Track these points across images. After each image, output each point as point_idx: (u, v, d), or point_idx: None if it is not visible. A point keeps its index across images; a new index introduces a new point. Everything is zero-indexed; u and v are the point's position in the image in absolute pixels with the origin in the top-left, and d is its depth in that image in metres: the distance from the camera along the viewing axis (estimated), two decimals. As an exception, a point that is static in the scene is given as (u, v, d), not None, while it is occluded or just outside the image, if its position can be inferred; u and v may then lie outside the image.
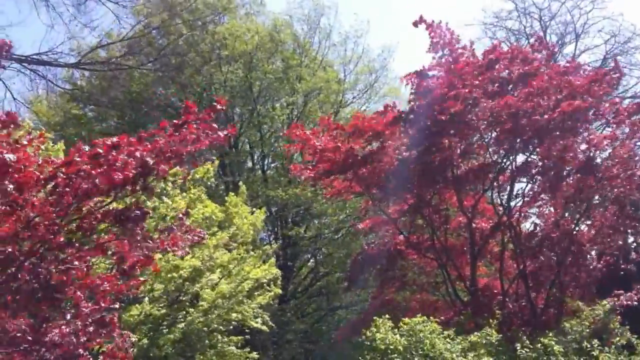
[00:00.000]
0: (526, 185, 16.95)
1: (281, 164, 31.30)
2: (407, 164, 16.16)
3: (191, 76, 29.17)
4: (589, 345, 11.72)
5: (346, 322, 25.28)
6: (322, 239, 30.80)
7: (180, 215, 8.53)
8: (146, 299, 14.28)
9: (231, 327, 15.83)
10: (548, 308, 15.95)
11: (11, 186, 6.31)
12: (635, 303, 13.92)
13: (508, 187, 17.02)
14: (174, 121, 7.35)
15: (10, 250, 6.64)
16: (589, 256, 16.89)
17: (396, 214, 17.91)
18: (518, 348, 11.71)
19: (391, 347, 11.05)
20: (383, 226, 18.70)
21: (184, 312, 14.82)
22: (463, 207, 16.77)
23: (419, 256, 17.90)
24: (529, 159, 16.36)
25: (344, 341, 19.24)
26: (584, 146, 15.82)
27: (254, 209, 18.68)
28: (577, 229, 16.40)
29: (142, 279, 8.62)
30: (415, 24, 15.81)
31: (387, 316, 12.00)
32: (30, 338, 7.12)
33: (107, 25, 26.73)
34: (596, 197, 16.33)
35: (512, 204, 16.98)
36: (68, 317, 7.41)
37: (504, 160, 16.57)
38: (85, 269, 7.46)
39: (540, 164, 16.19)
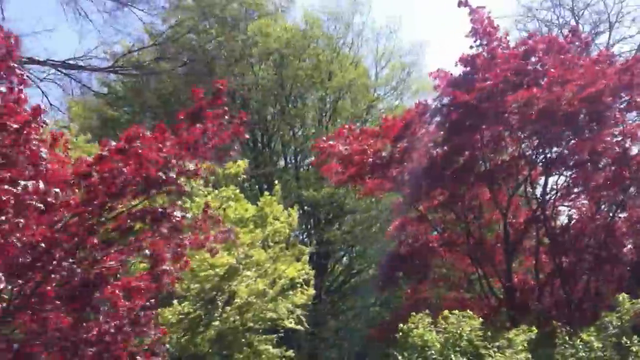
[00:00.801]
0: (559, 179, 16.74)
1: (314, 160, 31.28)
2: (437, 161, 16.05)
3: (221, 78, 29.34)
4: (628, 341, 11.49)
5: (381, 320, 25.19)
6: (356, 235, 30.72)
7: (210, 212, 8.56)
8: (175, 299, 14.39)
9: (266, 326, 15.89)
10: (585, 303, 15.71)
11: (47, 186, 6.42)
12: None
13: (542, 181, 16.80)
14: (189, 110, 7.38)
15: (46, 250, 6.76)
16: (624, 249, 16.58)
17: (427, 211, 17.81)
18: (557, 344, 11.54)
19: (428, 344, 10.98)
20: (414, 224, 18.58)
21: (220, 311, 14.92)
22: (497, 202, 16.59)
23: (452, 253, 17.77)
24: (563, 152, 16.11)
25: (379, 338, 19.18)
26: (619, 137, 15.52)
27: (288, 208, 18.72)
28: (612, 221, 16.11)
29: (177, 276, 8.69)
30: (459, 4, 15.67)
31: (426, 311, 11.93)
32: (68, 336, 7.24)
33: (140, 27, 27.01)
34: (631, 189, 16.02)
35: (546, 197, 16.74)
36: (105, 315, 7.52)
37: (536, 154, 16.35)
38: (120, 268, 7.56)
39: (572, 156, 15.93)
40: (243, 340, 15.21)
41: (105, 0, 19.74)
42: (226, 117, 7.45)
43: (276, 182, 20.21)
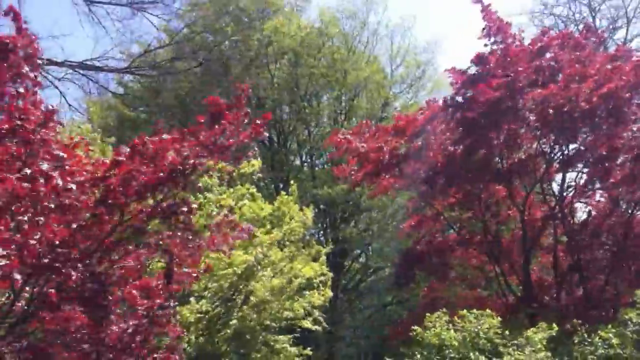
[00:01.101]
0: (577, 175, 16.62)
1: (329, 159, 31.29)
2: (453, 159, 16.00)
3: (237, 77, 29.44)
4: (649, 339, 11.39)
5: (398, 319, 25.15)
6: (372, 233, 30.67)
7: (227, 212, 8.62)
8: (192, 298, 14.46)
9: (283, 325, 15.93)
10: (603, 300, 15.59)
11: (69, 186, 6.48)
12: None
13: (559, 178, 16.71)
14: (210, 112, 7.42)
15: (65, 251, 6.82)
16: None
17: (442, 209, 17.77)
18: (575, 341, 11.47)
19: (446, 342, 10.95)
20: (430, 222, 18.54)
21: (238, 310, 14.97)
22: (514, 200, 16.51)
23: (469, 251, 17.71)
24: (580, 148, 15.98)
25: (396, 337, 19.15)
26: (637, 134, 15.37)
27: (303, 207, 18.73)
28: (631, 218, 15.98)
29: (195, 275, 8.73)
30: (473, 1, 15.65)
31: (443, 310, 11.91)
32: (88, 337, 7.31)
33: (155, 29, 27.13)
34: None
35: (564, 194, 16.63)
36: (124, 315, 7.58)
37: (554, 151, 16.25)
38: (138, 268, 7.62)
39: (590, 152, 15.81)
40: (260, 339, 15.26)
41: (119, 7, 19.80)
42: (246, 119, 7.48)
43: (292, 181, 20.25)
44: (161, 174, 6.83)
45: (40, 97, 6.55)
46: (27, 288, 7.25)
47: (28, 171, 6.00)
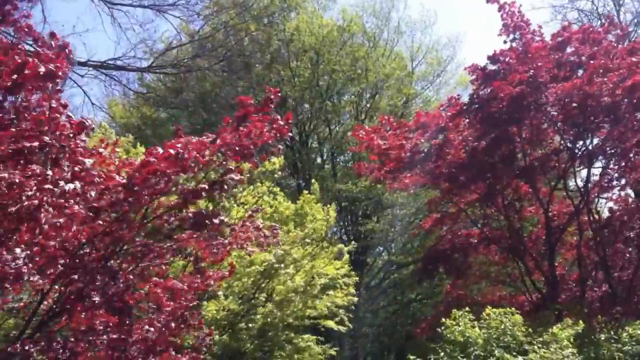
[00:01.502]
0: (601, 170, 16.43)
1: (351, 157, 31.30)
2: (475, 155, 15.90)
3: (258, 75, 29.53)
4: (676, 335, 11.24)
5: (422, 316, 25.08)
6: (395, 230, 30.61)
7: (250, 212, 8.64)
8: (221, 295, 14.52)
9: (307, 323, 15.95)
10: (630, 296, 15.41)
11: (93, 192, 6.53)
12: None
13: (582, 173, 16.56)
14: (236, 114, 7.44)
15: (89, 251, 6.89)
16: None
17: (464, 206, 17.68)
18: (602, 338, 11.34)
19: (470, 340, 10.89)
20: (451, 220, 18.44)
21: (261, 308, 15.01)
22: (538, 196, 16.38)
23: (492, 248, 17.60)
24: (605, 143, 15.79)
25: (420, 335, 19.10)
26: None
27: (325, 206, 18.72)
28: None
29: (220, 275, 8.78)
30: (488, 0, 15.56)
31: (467, 309, 11.85)
32: (115, 336, 7.38)
33: (176, 28, 27.28)
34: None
35: (589, 189, 16.45)
36: (150, 315, 7.64)
37: (577, 145, 16.09)
38: (163, 268, 7.67)
39: (614, 147, 15.62)
40: (284, 337, 15.29)
41: (140, 9, 19.97)
42: (274, 124, 7.49)
43: (313, 180, 20.25)
44: (202, 185, 6.89)
45: (65, 102, 6.58)
46: (56, 286, 7.35)
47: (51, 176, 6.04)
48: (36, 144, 5.92)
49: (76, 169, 6.26)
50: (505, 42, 15.58)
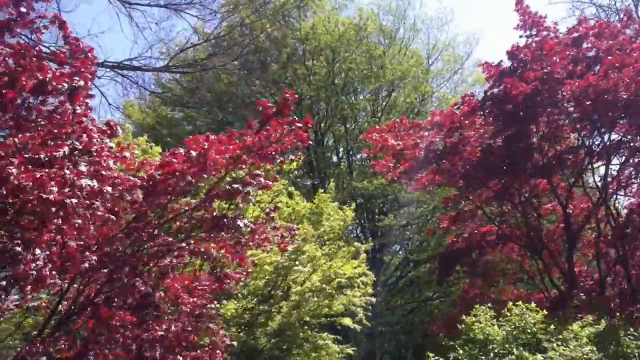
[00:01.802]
0: (620, 167, 16.30)
1: (366, 156, 31.23)
2: (491, 153, 15.85)
3: (274, 73, 29.56)
4: (696, 332, 11.13)
5: (440, 314, 25.02)
6: (412, 228, 30.52)
7: (268, 211, 8.65)
8: (238, 293, 14.56)
9: (324, 322, 15.95)
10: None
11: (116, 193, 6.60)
12: None
13: (601, 169, 16.43)
14: (259, 119, 7.48)
15: (109, 251, 6.96)
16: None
17: (480, 204, 17.62)
18: (621, 335, 11.26)
19: (490, 337, 10.88)
20: (468, 217, 18.38)
21: (278, 306, 15.05)
22: (556, 192, 16.29)
23: (509, 246, 17.53)
24: (623, 138, 15.67)
25: (438, 333, 19.06)
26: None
27: (343, 206, 18.69)
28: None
29: (238, 276, 8.81)
30: None
31: (488, 305, 11.84)
32: (132, 335, 7.44)
33: (191, 28, 27.36)
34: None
35: (607, 185, 16.33)
36: (169, 314, 7.70)
37: (595, 142, 15.98)
38: (183, 268, 7.73)
39: (634, 143, 15.49)
40: (301, 335, 15.31)
41: (157, 8, 19.99)
42: (292, 126, 7.52)
43: (330, 179, 20.24)
44: (226, 187, 6.95)
45: (90, 105, 6.66)
46: (75, 285, 7.43)
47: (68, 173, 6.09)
48: (66, 149, 5.98)
49: (103, 172, 6.32)
50: (521, 37, 15.56)
